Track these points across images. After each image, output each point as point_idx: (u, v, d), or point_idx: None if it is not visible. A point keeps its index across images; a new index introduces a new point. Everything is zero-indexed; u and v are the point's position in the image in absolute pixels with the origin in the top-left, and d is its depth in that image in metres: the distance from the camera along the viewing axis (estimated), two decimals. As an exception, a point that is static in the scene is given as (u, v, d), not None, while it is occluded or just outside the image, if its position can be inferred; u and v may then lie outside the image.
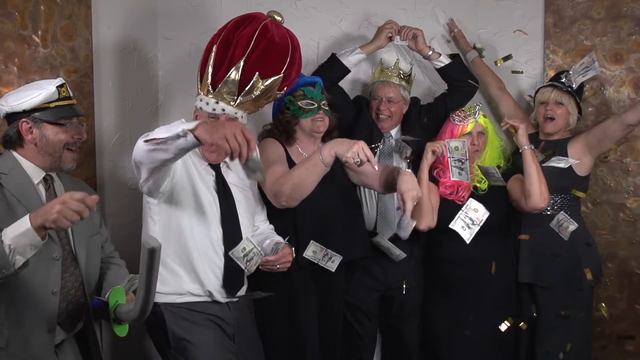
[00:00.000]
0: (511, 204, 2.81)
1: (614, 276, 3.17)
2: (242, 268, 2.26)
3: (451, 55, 2.98)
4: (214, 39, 2.39)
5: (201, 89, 2.38)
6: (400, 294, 2.86)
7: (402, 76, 2.91)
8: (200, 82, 2.40)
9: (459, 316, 2.79)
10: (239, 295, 2.37)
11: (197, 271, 2.28)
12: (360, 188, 2.82)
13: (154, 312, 2.27)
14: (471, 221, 2.47)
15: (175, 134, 1.80)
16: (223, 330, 2.32)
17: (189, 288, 2.29)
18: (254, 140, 1.77)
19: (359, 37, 3.13)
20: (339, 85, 2.93)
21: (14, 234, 1.63)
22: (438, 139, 2.86)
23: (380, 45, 2.95)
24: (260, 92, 2.34)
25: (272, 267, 2.30)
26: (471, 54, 3.17)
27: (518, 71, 3.16)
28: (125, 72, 2.84)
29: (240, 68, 2.29)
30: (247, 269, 2.28)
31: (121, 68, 2.85)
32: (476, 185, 2.79)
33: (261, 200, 2.54)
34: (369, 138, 2.86)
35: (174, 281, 2.27)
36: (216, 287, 2.31)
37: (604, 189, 3.19)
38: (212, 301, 2.32)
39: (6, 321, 1.80)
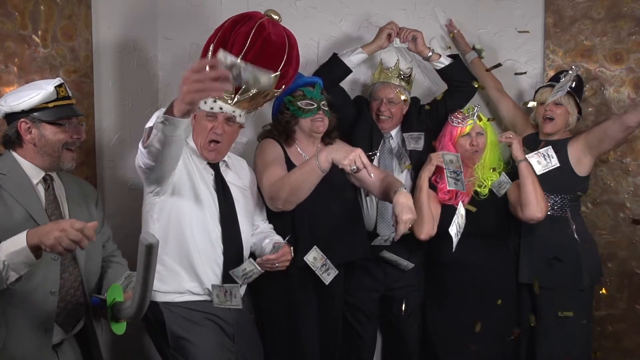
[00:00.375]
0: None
1: (614, 276, 3.17)
2: (237, 282, 2.27)
3: (451, 56, 2.98)
4: (211, 38, 2.41)
5: None
6: (400, 294, 2.86)
7: (402, 77, 2.91)
8: None
9: (459, 318, 2.79)
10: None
11: (196, 269, 2.28)
12: (360, 189, 2.82)
13: (153, 311, 2.28)
14: (459, 227, 2.48)
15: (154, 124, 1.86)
16: (222, 329, 2.32)
17: (189, 286, 2.29)
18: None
19: (359, 37, 3.13)
20: (340, 85, 2.93)
21: (10, 250, 1.63)
22: (438, 141, 2.87)
23: (382, 45, 2.95)
24: (257, 90, 2.34)
25: (271, 266, 2.30)
26: (470, 55, 3.17)
27: (521, 72, 3.17)
28: (125, 72, 2.84)
29: None
30: (241, 284, 2.30)
31: (121, 68, 2.85)
32: (477, 190, 2.79)
33: (261, 200, 2.55)
34: (369, 138, 2.87)
35: (173, 280, 2.28)
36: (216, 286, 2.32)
37: (604, 189, 3.19)
38: (212, 300, 2.32)
39: (3, 321, 1.79)
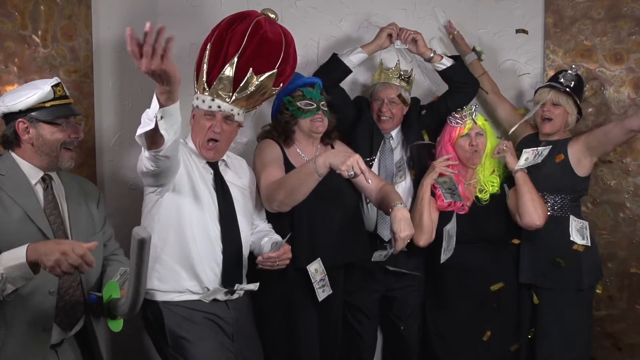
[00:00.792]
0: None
1: (614, 276, 3.16)
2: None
3: (452, 57, 2.96)
4: (208, 37, 2.41)
5: (197, 87, 2.41)
6: (400, 294, 2.86)
7: (402, 77, 2.91)
8: (196, 81, 2.42)
9: (459, 319, 2.79)
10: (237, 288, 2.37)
11: (195, 269, 2.28)
12: None
13: (152, 310, 2.29)
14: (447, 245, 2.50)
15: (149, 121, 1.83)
16: (222, 329, 2.32)
17: (188, 285, 2.29)
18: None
19: (359, 37, 3.12)
20: (340, 86, 2.91)
21: (8, 264, 1.65)
22: (438, 143, 2.87)
23: (382, 45, 2.92)
24: (255, 88, 2.35)
25: (272, 264, 2.30)
26: (470, 57, 3.14)
27: (524, 73, 3.16)
28: (125, 72, 2.84)
29: (234, 64, 2.31)
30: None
31: (121, 68, 2.85)
32: (477, 196, 2.78)
33: (260, 200, 2.55)
34: (370, 139, 2.87)
35: (172, 279, 2.28)
36: (215, 285, 2.32)
37: (604, 189, 3.19)
38: (211, 299, 2.32)
39: (2, 321, 1.80)
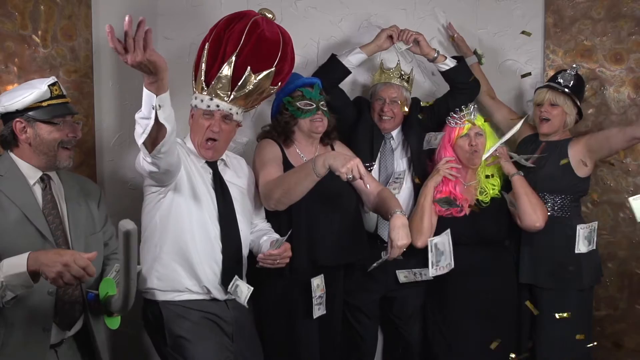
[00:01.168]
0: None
1: (614, 276, 3.16)
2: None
3: (455, 58, 2.94)
4: (207, 37, 2.42)
5: (195, 87, 2.42)
6: (401, 294, 2.85)
7: (403, 77, 2.90)
8: (194, 80, 2.43)
9: (460, 320, 2.78)
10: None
11: (195, 268, 2.28)
12: None
13: (151, 310, 2.30)
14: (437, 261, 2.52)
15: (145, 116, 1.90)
16: (221, 328, 2.32)
17: (187, 284, 2.29)
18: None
19: (359, 38, 3.11)
20: (339, 87, 2.91)
21: (9, 272, 1.67)
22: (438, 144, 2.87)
23: (381, 46, 2.91)
24: (253, 87, 2.36)
25: (272, 262, 2.29)
26: (470, 60, 3.11)
27: (527, 74, 3.17)
28: (125, 72, 2.83)
29: (232, 63, 2.31)
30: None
31: (121, 68, 2.85)
32: (478, 199, 2.78)
33: (259, 199, 2.54)
34: (370, 139, 2.87)
35: (172, 279, 2.28)
36: (214, 284, 2.32)
37: (604, 189, 3.18)
38: (211, 299, 2.33)
39: (2, 321, 1.80)
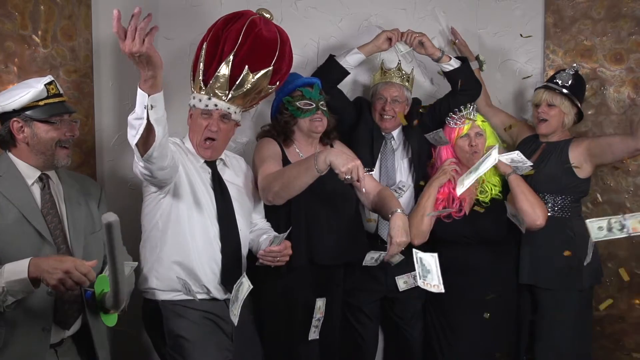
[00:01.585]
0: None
1: (614, 276, 3.15)
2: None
3: (459, 58, 2.93)
4: (205, 37, 2.43)
5: (194, 86, 2.42)
6: (402, 295, 2.83)
7: (404, 77, 2.90)
8: (192, 80, 2.43)
9: (460, 321, 2.79)
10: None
11: (194, 268, 2.28)
12: None
13: (151, 309, 2.30)
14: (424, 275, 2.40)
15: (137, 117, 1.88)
16: (221, 328, 2.32)
17: None
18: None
19: (359, 38, 3.11)
20: (338, 88, 2.90)
21: (10, 278, 1.69)
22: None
23: (380, 46, 2.89)
24: (251, 86, 2.37)
25: (272, 260, 2.29)
26: (471, 65, 3.07)
27: (528, 76, 3.17)
28: (125, 72, 2.83)
29: (230, 62, 2.32)
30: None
31: (121, 68, 2.85)
32: (478, 199, 2.78)
33: (259, 198, 2.55)
34: (371, 140, 2.87)
35: (171, 278, 2.28)
36: (214, 284, 2.33)
37: (604, 189, 3.19)
38: (211, 298, 2.33)
39: (2, 321, 1.80)
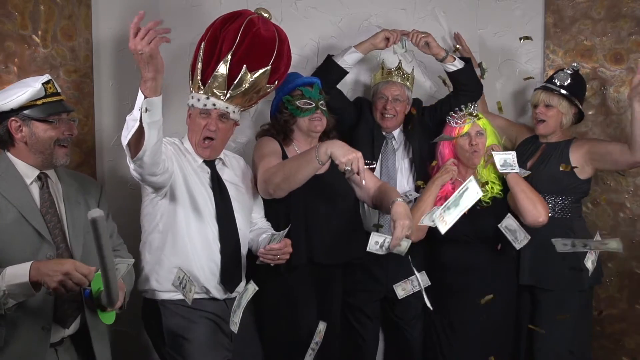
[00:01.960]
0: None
1: (614, 276, 3.16)
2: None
3: (462, 59, 2.93)
4: (203, 36, 2.43)
5: (192, 86, 2.43)
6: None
7: (404, 76, 2.91)
8: (191, 80, 2.44)
9: (460, 321, 2.78)
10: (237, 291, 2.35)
11: (192, 271, 2.27)
12: None
13: (150, 309, 2.30)
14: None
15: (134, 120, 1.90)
16: (220, 328, 2.32)
17: None
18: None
19: (359, 38, 3.09)
20: (337, 88, 2.90)
21: (12, 282, 1.71)
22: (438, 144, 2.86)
23: (377, 45, 2.88)
24: (249, 85, 2.36)
25: (273, 258, 2.28)
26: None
27: (529, 77, 3.18)
28: (125, 72, 2.84)
29: (228, 62, 2.32)
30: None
31: (121, 68, 2.85)
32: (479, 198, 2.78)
33: (258, 197, 2.55)
34: (371, 140, 2.87)
35: (170, 279, 2.26)
36: (213, 284, 2.33)
37: (604, 189, 3.18)
38: (210, 298, 2.33)
39: (2, 321, 1.80)
